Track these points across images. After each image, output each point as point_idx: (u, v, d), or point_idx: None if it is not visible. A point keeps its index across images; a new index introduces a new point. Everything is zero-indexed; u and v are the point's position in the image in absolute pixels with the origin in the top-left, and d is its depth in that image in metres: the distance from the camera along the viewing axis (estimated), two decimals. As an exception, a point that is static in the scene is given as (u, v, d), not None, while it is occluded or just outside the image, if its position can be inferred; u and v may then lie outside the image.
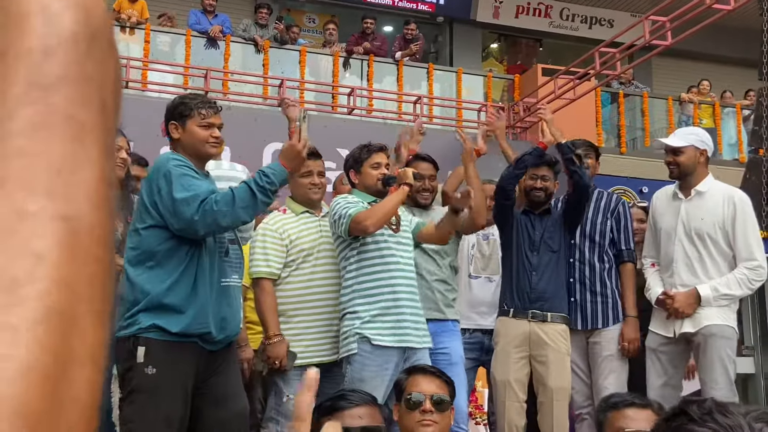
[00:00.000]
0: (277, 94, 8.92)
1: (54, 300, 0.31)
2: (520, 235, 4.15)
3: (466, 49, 13.49)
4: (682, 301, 3.91)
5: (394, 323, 3.57)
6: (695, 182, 4.04)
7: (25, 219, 0.32)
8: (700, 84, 12.15)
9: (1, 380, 0.29)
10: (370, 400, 2.52)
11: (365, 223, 3.51)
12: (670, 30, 7.04)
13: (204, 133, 3.12)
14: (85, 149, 0.34)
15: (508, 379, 3.99)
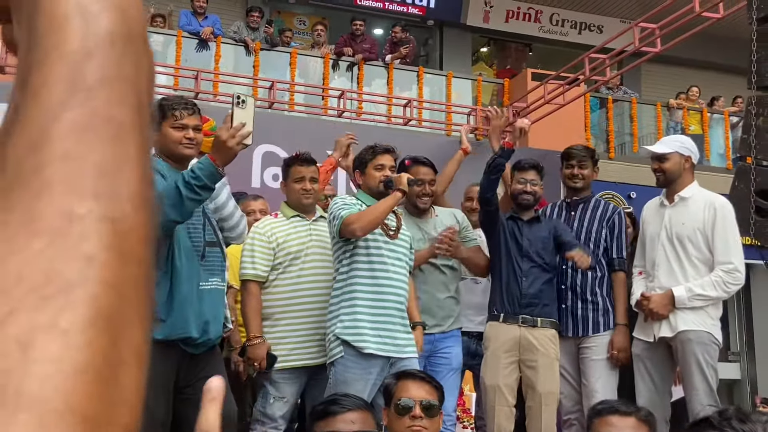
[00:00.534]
0: (268, 97, 8.91)
1: (103, 303, 0.32)
2: (509, 241, 4.16)
3: (456, 53, 13.52)
4: (657, 302, 3.96)
5: (379, 331, 3.57)
6: (679, 188, 4.11)
7: (74, 222, 0.32)
8: (689, 90, 12.22)
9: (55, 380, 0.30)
10: (362, 405, 2.53)
11: (353, 227, 3.53)
12: (659, 37, 7.09)
13: (177, 135, 3.10)
14: (126, 149, 0.35)
15: (498, 384, 4.00)
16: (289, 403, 3.76)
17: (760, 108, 4.13)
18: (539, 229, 4.18)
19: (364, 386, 3.42)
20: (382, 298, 3.60)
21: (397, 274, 3.67)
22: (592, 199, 4.40)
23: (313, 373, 3.81)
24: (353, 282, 3.63)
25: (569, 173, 4.37)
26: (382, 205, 3.61)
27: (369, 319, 3.56)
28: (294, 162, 4.02)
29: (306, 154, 4.04)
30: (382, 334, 3.57)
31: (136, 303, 0.34)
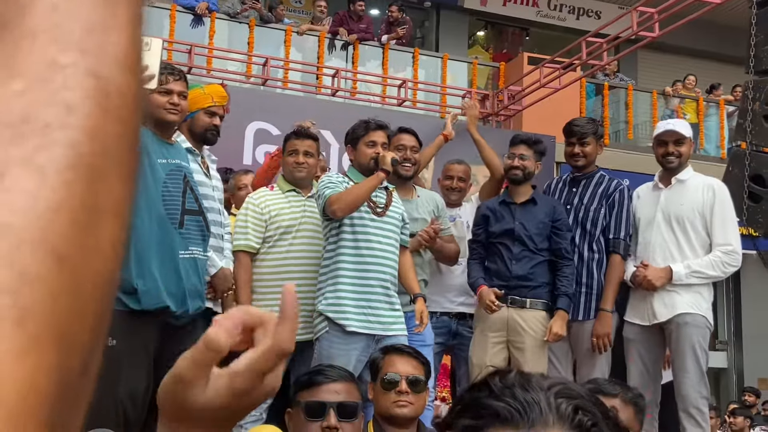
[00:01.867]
0: (261, 73, 8.83)
1: (84, 149, 0.31)
2: (499, 226, 4.10)
3: (453, 36, 13.45)
4: (654, 273, 3.93)
5: (362, 309, 3.54)
6: (677, 171, 4.06)
7: (57, 70, 0.32)
8: (685, 79, 12.20)
9: (29, 213, 0.29)
10: (347, 376, 2.50)
11: (333, 207, 3.52)
12: (657, 22, 7.04)
13: (161, 100, 3.07)
14: (116, 14, 0.34)
15: (485, 362, 3.98)
16: None
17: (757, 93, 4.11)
18: (534, 212, 4.07)
19: (347, 362, 3.40)
20: (367, 276, 3.57)
21: (384, 252, 3.63)
22: (596, 175, 4.26)
23: (299, 349, 3.78)
24: (338, 259, 3.60)
25: (570, 151, 4.26)
26: (363, 186, 3.59)
27: (352, 297, 3.54)
28: (290, 136, 4.01)
29: (305, 129, 4.01)
30: (366, 311, 3.54)
31: (119, 160, 0.33)
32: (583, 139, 4.21)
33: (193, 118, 3.59)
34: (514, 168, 4.11)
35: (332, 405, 2.36)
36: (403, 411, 2.65)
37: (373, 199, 3.70)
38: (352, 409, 2.39)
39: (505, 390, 0.86)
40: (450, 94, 9.92)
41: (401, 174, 4.08)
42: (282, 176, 4.06)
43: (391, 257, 3.67)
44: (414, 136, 4.16)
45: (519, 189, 4.15)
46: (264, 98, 8.35)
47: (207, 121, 3.65)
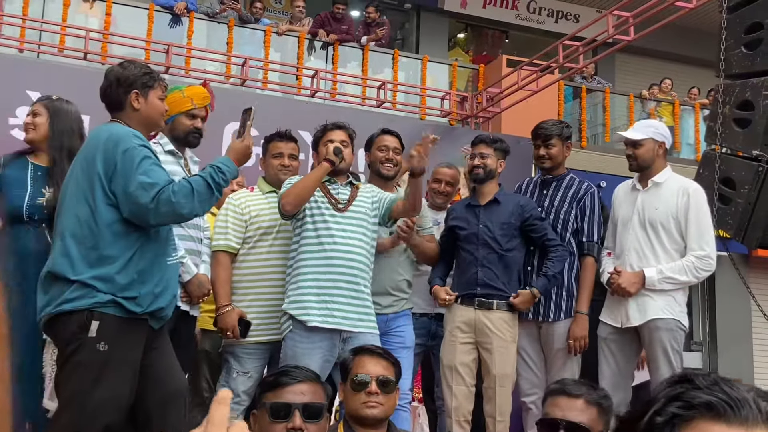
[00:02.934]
0: (240, 74, 8.81)
1: None
2: (464, 229, 4.11)
3: (433, 38, 13.47)
4: (627, 279, 3.96)
5: (324, 304, 3.54)
6: (653, 174, 4.09)
7: None
8: (662, 82, 12.31)
9: None
10: (313, 377, 2.51)
11: (282, 202, 3.58)
12: (633, 26, 7.10)
13: (163, 106, 3.10)
14: None
15: (455, 364, 4.00)
16: (252, 378, 3.73)
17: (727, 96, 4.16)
18: (498, 212, 4.09)
19: (311, 361, 3.40)
20: (331, 271, 3.57)
21: (348, 246, 3.61)
22: (566, 177, 4.30)
23: (277, 348, 3.79)
24: (300, 258, 3.62)
25: (536, 153, 4.30)
26: (307, 178, 3.62)
27: (314, 293, 3.54)
28: (274, 138, 4.03)
29: (287, 131, 4.03)
30: (329, 306, 3.53)
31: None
32: (548, 141, 4.24)
33: (173, 122, 3.58)
34: (476, 167, 4.14)
35: (297, 406, 2.36)
36: (373, 412, 2.66)
37: (335, 195, 3.71)
38: (317, 410, 2.40)
39: (714, 386, 0.88)
40: (430, 95, 9.95)
41: (383, 174, 4.10)
42: (262, 178, 4.06)
43: (358, 252, 3.64)
44: (396, 137, 4.17)
45: (483, 189, 4.17)
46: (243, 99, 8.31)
47: (188, 124, 3.64)
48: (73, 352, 2.73)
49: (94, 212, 2.79)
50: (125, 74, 3.00)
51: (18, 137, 6.48)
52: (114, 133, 2.87)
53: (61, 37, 8.62)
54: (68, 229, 2.82)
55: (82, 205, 2.82)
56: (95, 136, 2.92)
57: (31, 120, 3.62)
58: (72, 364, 2.74)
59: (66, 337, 2.76)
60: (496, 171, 4.17)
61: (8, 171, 3.54)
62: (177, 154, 3.60)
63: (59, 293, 2.77)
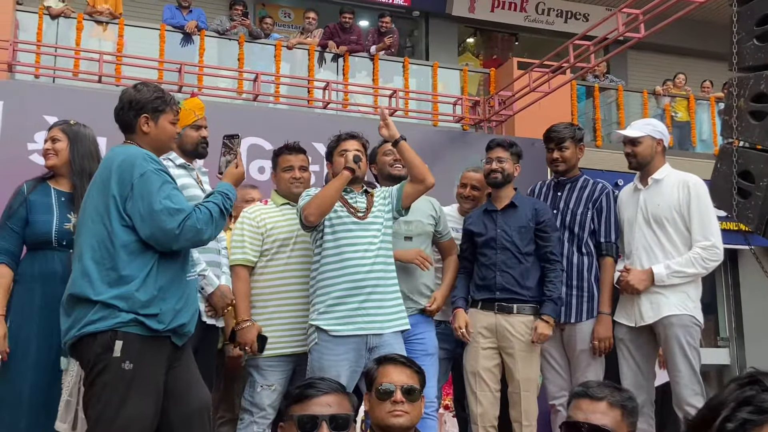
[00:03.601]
0: (252, 89, 8.86)
1: None
2: (481, 235, 4.10)
3: (442, 44, 13.50)
4: (636, 277, 3.98)
5: (350, 311, 3.56)
6: (652, 171, 4.12)
7: None
8: (675, 78, 12.24)
9: None
10: (338, 388, 2.51)
11: (304, 214, 3.58)
12: (643, 22, 7.07)
13: (174, 131, 3.13)
14: None
15: (478, 370, 3.99)
16: (276, 392, 3.74)
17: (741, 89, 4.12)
18: (515, 216, 4.09)
19: (339, 372, 3.41)
20: (353, 279, 3.58)
21: (369, 253, 3.63)
22: (580, 179, 4.31)
23: (300, 361, 3.80)
24: (322, 269, 3.64)
25: (549, 157, 4.31)
26: (328, 187, 3.64)
27: (339, 302, 3.56)
28: (282, 151, 4.04)
29: (295, 143, 4.05)
30: (353, 314, 3.55)
31: None
32: (561, 144, 4.26)
33: (181, 136, 3.61)
34: (493, 171, 4.14)
35: (324, 418, 2.36)
36: (399, 420, 2.66)
37: (353, 204, 3.72)
38: (344, 421, 2.40)
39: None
40: (441, 102, 9.95)
41: (394, 174, 4.13)
42: (275, 191, 4.08)
43: (380, 258, 3.66)
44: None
45: (500, 193, 4.17)
46: (256, 113, 8.37)
47: (195, 136, 3.70)
48: (99, 373, 2.76)
49: (110, 233, 2.82)
50: (137, 98, 3.04)
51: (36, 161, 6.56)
52: (129, 156, 2.90)
53: (75, 61, 8.71)
54: (86, 251, 2.85)
55: (99, 226, 2.85)
56: (110, 159, 2.95)
57: (51, 146, 3.67)
58: (99, 386, 2.76)
59: (91, 359, 2.78)
60: (513, 175, 4.17)
61: (33, 197, 3.59)
62: (188, 167, 3.65)
63: (82, 316, 2.79)
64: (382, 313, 3.61)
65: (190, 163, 3.70)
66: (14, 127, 6.98)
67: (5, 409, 3.42)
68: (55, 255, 3.51)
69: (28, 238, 3.57)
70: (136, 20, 10.02)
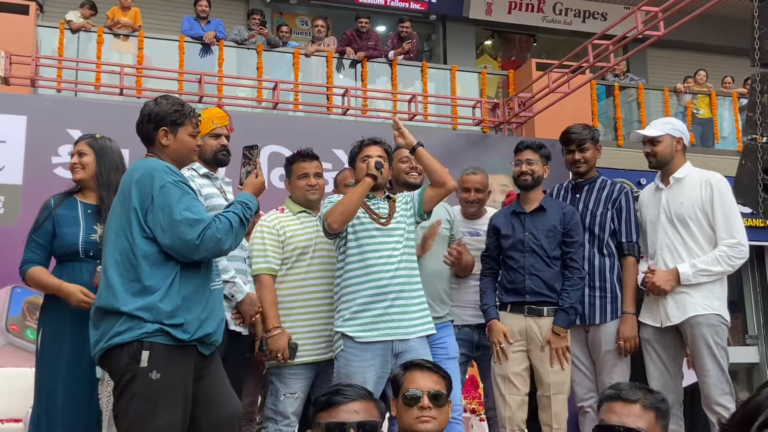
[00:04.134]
0: (272, 97, 8.91)
1: None
2: (509, 237, 4.09)
3: (460, 47, 13.49)
4: (661, 277, 3.94)
5: (375, 317, 3.55)
6: (673, 170, 4.08)
7: None
8: (696, 74, 12.14)
9: None
10: (365, 395, 2.50)
11: (327, 221, 3.57)
12: (662, 20, 7.02)
13: (194, 143, 3.15)
14: None
15: (507, 373, 3.97)
16: (299, 399, 3.75)
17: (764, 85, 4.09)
18: (544, 219, 4.06)
19: (365, 378, 3.41)
20: (378, 285, 3.57)
21: (394, 259, 3.62)
22: (598, 180, 4.28)
23: (322, 368, 3.80)
24: (346, 275, 3.63)
25: (570, 159, 4.27)
26: (351, 194, 3.62)
27: (364, 308, 3.55)
28: (296, 159, 4.03)
29: (308, 150, 4.04)
30: (378, 320, 3.54)
31: None
32: (582, 145, 4.23)
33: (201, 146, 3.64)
34: (523, 174, 4.12)
35: (352, 425, 2.36)
36: (427, 426, 2.65)
37: (375, 210, 3.72)
38: (371, 427, 2.39)
39: None
40: (461, 105, 9.95)
41: (410, 182, 4.12)
42: (290, 198, 4.07)
43: (404, 264, 3.66)
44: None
45: (529, 196, 4.15)
46: (276, 122, 8.42)
47: (214, 144, 3.72)
48: (128, 384, 2.79)
49: (132, 245, 2.85)
50: (156, 111, 3.06)
51: (61, 175, 6.64)
52: (148, 168, 2.93)
53: (96, 75, 8.82)
54: (111, 264, 2.89)
55: (122, 239, 2.89)
56: (131, 173, 2.99)
57: (78, 160, 3.72)
58: (127, 396, 2.79)
59: (119, 369, 2.82)
60: (542, 177, 4.15)
61: (60, 210, 3.66)
62: (212, 176, 3.67)
63: (109, 327, 2.83)
64: (407, 319, 3.60)
65: (214, 172, 3.72)
66: (38, 140, 7.08)
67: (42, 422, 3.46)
68: (83, 266, 3.58)
69: (56, 251, 3.64)
70: (156, 32, 10.11)
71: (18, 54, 7.94)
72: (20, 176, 6.96)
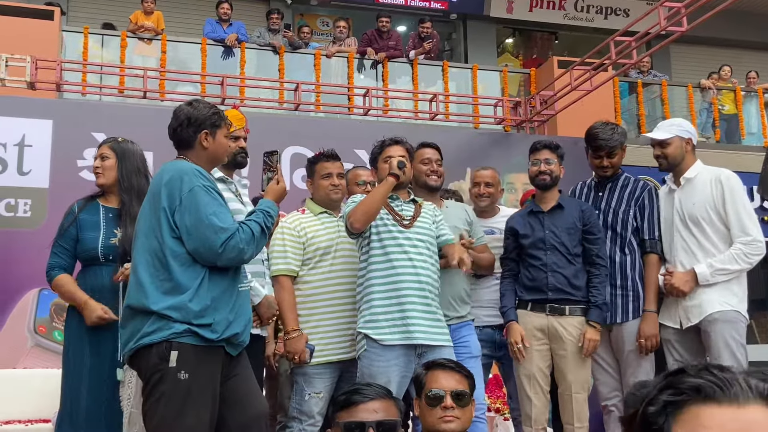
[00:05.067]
0: (294, 99, 8.95)
1: None
2: (528, 236, 4.08)
3: (481, 46, 13.45)
4: (679, 278, 3.92)
5: (398, 320, 3.54)
6: (684, 170, 4.07)
7: None
8: (720, 70, 12.00)
9: None
10: (385, 394, 2.51)
11: (350, 221, 3.58)
12: (685, 16, 6.96)
13: (228, 144, 3.25)
14: None
15: (532, 372, 3.96)
16: (324, 399, 3.76)
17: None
18: (563, 217, 4.06)
19: (389, 379, 3.42)
20: (401, 287, 3.57)
21: (416, 262, 3.62)
22: (621, 177, 4.25)
23: (346, 368, 3.82)
24: (370, 276, 3.63)
25: (597, 164, 4.22)
26: (374, 194, 3.63)
27: (387, 310, 3.55)
28: (319, 159, 4.04)
29: (330, 151, 4.06)
30: (400, 323, 3.54)
31: None
32: (612, 152, 4.18)
33: None
34: (542, 174, 4.10)
35: (371, 424, 2.36)
36: (450, 426, 2.65)
37: (399, 211, 3.72)
38: (391, 426, 2.40)
39: (702, 371, 0.89)
40: (482, 104, 9.92)
41: (430, 185, 4.12)
42: (310, 199, 4.08)
43: (426, 267, 3.65)
44: (436, 149, 4.18)
45: (546, 195, 4.14)
46: (298, 123, 8.46)
47: (233, 146, 3.72)
48: (157, 383, 2.83)
49: (162, 245, 2.90)
50: (195, 114, 3.10)
51: (86, 178, 6.72)
52: (178, 171, 2.98)
53: (120, 79, 8.91)
54: (141, 263, 2.93)
55: (152, 239, 2.93)
56: (160, 175, 3.03)
57: (101, 163, 3.78)
58: (156, 395, 2.83)
59: (148, 369, 2.86)
60: (560, 177, 4.15)
61: (83, 215, 3.73)
62: (227, 181, 3.69)
63: (138, 327, 2.87)
64: (429, 324, 3.59)
65: (230, 176, 3.74)
66: (64, 144, 7.17)
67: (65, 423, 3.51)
68: (103, 269, 3.64)
69: (79, 255, 3.72)
70: (178, 35, 10.20)
71: (43, 59, 8.04)
72: (47, 180, 7.05)
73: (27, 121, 7.18)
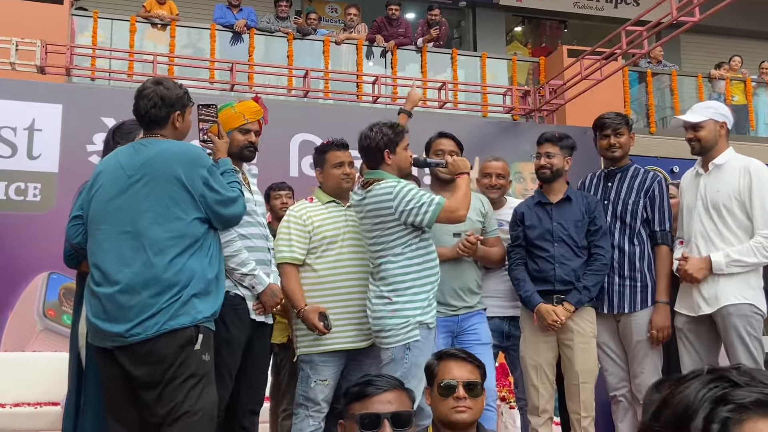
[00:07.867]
0: (302, 85, 8.93)
1: None
2: (535, 227, 4.08)
3: (490, 34, 13.40)
4: (694, 265, 3.87)
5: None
6: (714, 156, 3.96)
7: None
8: (731, 60, 11.93)
9: None
10: (398, 385, 2.50)
11: (460, 213, 3.60)
12: (697, 6, 6.91)
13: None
14: None
15: (540, 362, 3.98)
16: (329, 386, 3.77)
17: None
18: (570, 210, 4.06)
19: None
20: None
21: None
22: (631, 168, 4.22)
23: (352, 356, 3.83)
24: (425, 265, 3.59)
25: (606, 144, 4.20)
26: (467, 187, 3.71)
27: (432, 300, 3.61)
28: (331, 147, 4.01)
29: (341, 140, 4.04)
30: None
31: None
32: (617, 130, 4.17)
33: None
34: (542, 167, 4.11)
35: (386, 416, 2.36)
36: (462, 416, 2.65)
37: None
38: (406, 418, 2.40)
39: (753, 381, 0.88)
40: (491, 93, 9.89)
41: (440, 176, 4.12)
42: (319, 188, 4.06)
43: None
44: (452, 139, 4.17)
45: (552, 187, 4.14)
46: (306, 110, 8.44)
47: (241, 139, 3.67)
48: (182, 365, 2.93)
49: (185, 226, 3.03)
50: (168, 95, 3.16)
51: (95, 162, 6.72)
52: (188, 149, 3.13)
53: (129, 64, 8.90)
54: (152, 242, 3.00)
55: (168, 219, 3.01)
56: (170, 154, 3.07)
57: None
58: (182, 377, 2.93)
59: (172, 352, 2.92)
60: (563, 169, 4.14)
61: None
62: (235, 170, 3.67)
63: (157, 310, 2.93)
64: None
65: (237, 165, 3.69)
66: (73, 129, 7.17)
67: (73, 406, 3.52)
68: None
69: None
70: (188, 21, 10.17)
71: (53, 43, 8.03)
72: (56, 164, 7.06)
73: (37, 106, 7.19)
